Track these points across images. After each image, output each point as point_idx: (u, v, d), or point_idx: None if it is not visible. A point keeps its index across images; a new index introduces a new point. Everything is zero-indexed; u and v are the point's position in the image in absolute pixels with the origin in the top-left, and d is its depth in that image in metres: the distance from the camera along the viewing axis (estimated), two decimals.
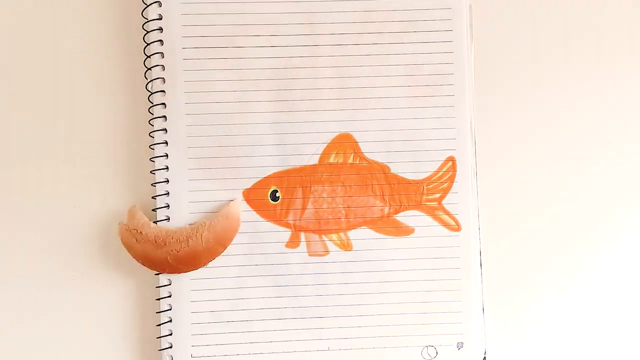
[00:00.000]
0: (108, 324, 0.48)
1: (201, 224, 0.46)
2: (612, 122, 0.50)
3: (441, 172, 0.48)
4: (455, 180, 0.48)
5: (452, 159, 0.48)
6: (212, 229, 0.46)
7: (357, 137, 0.48)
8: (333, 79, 0.48)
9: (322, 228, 0.48)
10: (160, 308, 0.47)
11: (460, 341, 0.48)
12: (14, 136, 0.48)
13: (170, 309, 0.47)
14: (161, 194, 0.47)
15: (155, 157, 0.47)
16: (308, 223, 0.48)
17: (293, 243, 0.48)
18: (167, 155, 0.47)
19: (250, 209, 0.47)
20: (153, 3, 0.47)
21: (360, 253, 0.48)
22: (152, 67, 0.47)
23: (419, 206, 0.48)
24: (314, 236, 0.48)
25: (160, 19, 0.47)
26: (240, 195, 0.47)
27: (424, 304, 0.48)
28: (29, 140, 0.48)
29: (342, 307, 0.48)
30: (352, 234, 0.48)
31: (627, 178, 0.50)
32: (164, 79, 0.47)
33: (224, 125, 0.47)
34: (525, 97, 0.50)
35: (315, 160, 0.48)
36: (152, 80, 0.47)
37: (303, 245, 0.48)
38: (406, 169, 0.48)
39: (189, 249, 0.46)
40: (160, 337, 0.47)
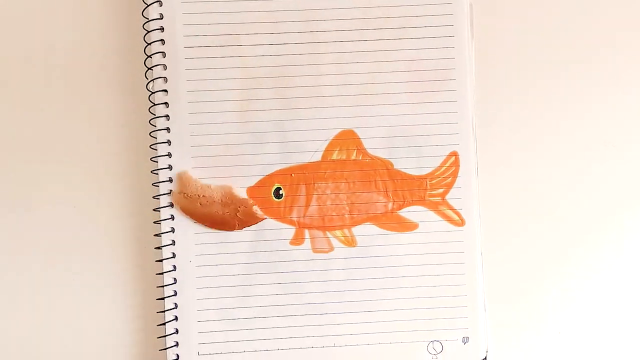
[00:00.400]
0: (110, 324, 0.48)
1: None
2: (613, 119, 0.50)
3: (444, 167, 0.48)
4: (459, 175, 0.48)
5: (455, 154, 0.48)
6: None
7: (360, 133, 0.48)
8: (335, 75, 0.48)
9: (326, 225, 0.48)
10: (164, 307, 0.47)
11: (465, 336, 0.48)
12: (14, 136, 0.48)
13: (176, 307, 0.47)
14: (165, 193, 0.47)
15: (158, 156, 0.47)
16: (312, 220, 0.48)
17: (297, 240, 0.48)
18: (170, 154, 0.47)
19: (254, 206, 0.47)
20: (154, 3, 0.47)
21: (365, 249, 0.48)
22: (153, 66, 0.47)
23: (422, 201, 0.48)
24: (318, 233, 0.48)
25: (161, 18, 0.47)
26: (244, 193, 0.47)
27: (429, 299, 0.48)
28: (29, 140, 0.48)
29: (347, 303, 0.48)
30: (356, 230, 0.48)
31: (631, 176, 0.50)
32: (165, 78, 0.47)
33: (227, 124, 0.47)
34: (526, 91, 0.50)
35: (318, 157, 0.48)
36: (153, 80, 0.47)
37: (307, 242, 0.48)
38: (409, 164, 0.48)
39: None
40: (165, 336, 0.47)
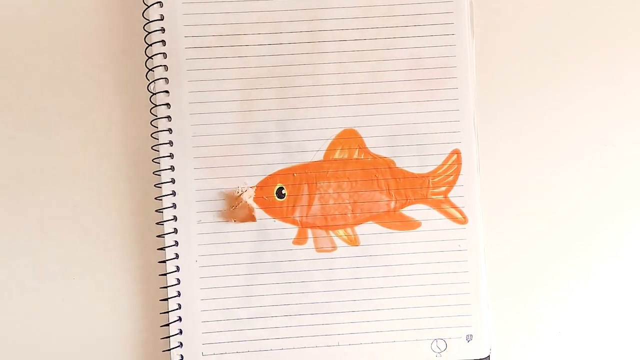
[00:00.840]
0: (114, 325, 0.48)
1: None
2: (614, 117, 0.50)
3: (446, 166, 0.48)
4: (461, 173, 0.48)
5: (457, 152, 0.48)
6: None
7: (362, 132, 0.48)
8: (336, 74, 0.48)
9: (329, 224, 0.48)
10: (168, 308, 0.47)
11: (469, 333, 0.48)
12: (14, 136, 0.48)
13: (180, 307, 0.47)
14: (167, 194, 0.47)
15: (160, 157, 0.47)
16: (315, 219, 0.48)
17: (300, 239, 0.48)
18: (172, 155, 0.47)
19: (256, 206, 0.47)
20: (154, 4, 0.47)
21: (368, 248, 0.48)
22: (154, 67, 0.47)
23: (425, 200, 0.48)
24: (321, 232, 0.48)
25: (162, 19, 0.47)
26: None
27: (432, 297, 0.48)
28: (29, 140, 0.48)
29: (350, 302, 0.48)
30: (359, 229, 0.48)
31: (631, 176, 0.50)
32: (167, 79, 0.47)
33: (229, 124, 0.47)
34: (528, 88, 0.50)
35: (320, 156, 0.48)
36: (154, 81, 0.47)
37: (310, 242, 0.48)
38: (411, 163, 0.48)
39: None
40: (169, 336, 0.47)
